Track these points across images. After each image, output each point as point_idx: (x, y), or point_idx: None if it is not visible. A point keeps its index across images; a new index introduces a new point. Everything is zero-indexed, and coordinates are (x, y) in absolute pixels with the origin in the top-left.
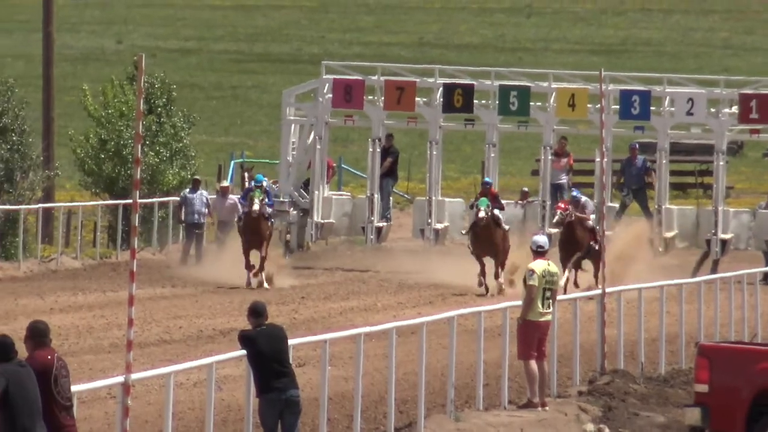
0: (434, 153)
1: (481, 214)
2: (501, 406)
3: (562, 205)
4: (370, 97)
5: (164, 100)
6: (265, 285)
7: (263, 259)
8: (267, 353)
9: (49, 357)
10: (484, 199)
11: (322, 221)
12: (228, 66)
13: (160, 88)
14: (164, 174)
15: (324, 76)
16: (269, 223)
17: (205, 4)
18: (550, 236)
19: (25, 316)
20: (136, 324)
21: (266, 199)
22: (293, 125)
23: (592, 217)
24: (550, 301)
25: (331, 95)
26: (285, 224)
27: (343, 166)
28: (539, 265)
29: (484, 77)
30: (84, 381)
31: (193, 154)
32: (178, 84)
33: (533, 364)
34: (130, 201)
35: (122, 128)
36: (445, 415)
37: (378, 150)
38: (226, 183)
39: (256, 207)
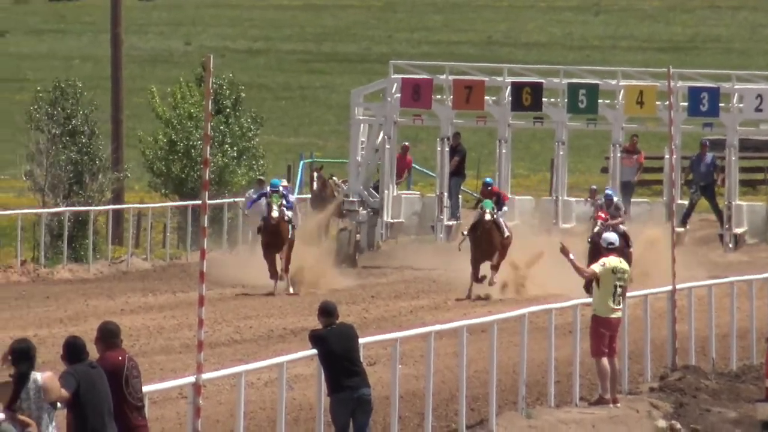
0: (503, 151)
1: (487, 216)
2: (572, 402)
3: (603, 215)
4: (439, 97)
5: (232, 100)
6: (291, 289)
7: (287, 262)
8: (338, 352)
9: (120, 358)
10: (488, 201)
11: (392, 220)
12: (296, 66)
13: (228, 88)
14: (233, 174)
15: (392, 76)
16: (290, 227)
17: (273, 4)
18: (617, 233)
19: (96, 317)
20: (207, 324)
21: (285, 202)
22: (362, 125)
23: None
24: (621, 297)
25: (399, 95)
26: (355, 224)
27: (412, 165)
28: (612, 261)
29: (552, 75)
30: (155, 381)
31: (262, 154)
32: (247, 84)
33: (605, 360)
34: (199, 202)
35: (191, 129)
36: (517, 412)
37: (446, 149)
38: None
39: (275, 213)
